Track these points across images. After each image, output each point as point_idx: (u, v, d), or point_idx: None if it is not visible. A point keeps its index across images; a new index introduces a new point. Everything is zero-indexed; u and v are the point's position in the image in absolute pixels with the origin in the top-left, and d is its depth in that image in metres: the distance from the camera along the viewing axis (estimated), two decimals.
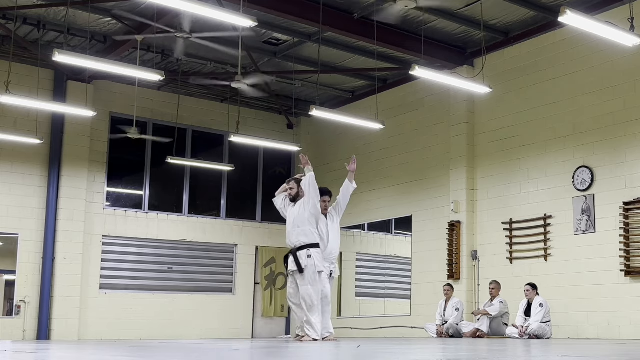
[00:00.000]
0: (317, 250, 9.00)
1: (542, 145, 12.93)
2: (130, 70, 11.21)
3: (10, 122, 14.30)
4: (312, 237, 9.02)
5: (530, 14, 12.70)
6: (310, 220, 9.05)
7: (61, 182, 14.77)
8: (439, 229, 14.36)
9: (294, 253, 9.01)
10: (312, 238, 9.02)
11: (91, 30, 13.32)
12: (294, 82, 15.66)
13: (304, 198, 9.16)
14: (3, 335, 13.76)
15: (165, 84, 15.52)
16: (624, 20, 9.41)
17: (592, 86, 12.29)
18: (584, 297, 12.01)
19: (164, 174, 16.41)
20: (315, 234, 9.05)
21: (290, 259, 9.06)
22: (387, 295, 15.89)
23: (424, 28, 12.70)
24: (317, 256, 8.96)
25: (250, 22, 9.18)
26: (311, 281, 8.88)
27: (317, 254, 8.97)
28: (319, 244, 9.08)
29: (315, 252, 8.97)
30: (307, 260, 8.89)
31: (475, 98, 13.86)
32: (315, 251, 8.97)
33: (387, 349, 6.19)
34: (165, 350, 6.37)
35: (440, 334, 13.02)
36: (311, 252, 8.94)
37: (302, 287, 8.93)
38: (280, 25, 13.23)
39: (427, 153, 14.97)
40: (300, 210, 9.12)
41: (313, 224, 9.07)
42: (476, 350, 5.97)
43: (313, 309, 8.86)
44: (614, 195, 11.80)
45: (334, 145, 17.13)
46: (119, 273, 15.57)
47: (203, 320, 16.24)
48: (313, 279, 8.90)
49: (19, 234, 14.46)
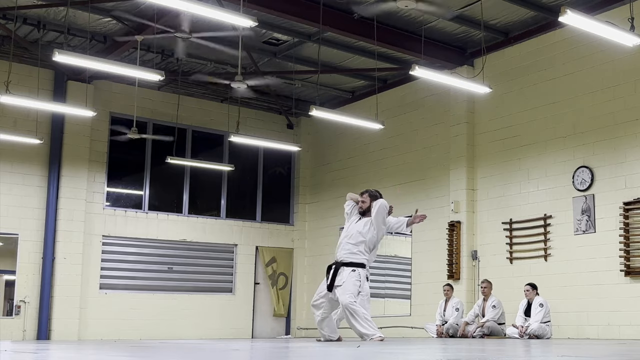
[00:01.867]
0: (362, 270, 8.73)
1: (542, 145, 12.93)
2: (130, 70, 11.22)
3: (10, 122, 14.30)
4: (359, 257, 8.72)
5: (530, 14, 12.70)
6: (367, 243, 8.75)
7: (61, 182, 14.77)
8: (439, 229, 14.35)
9: (338, 266, 8.66)
10: (359, 258, 8.71)
11: (91, 30, 13.32)
12: (294, 82, 15.66)
13: (372, 219, 8.81)
14: (3, 335, 13.76)
15: (165, 84, 15.52)
16: (624, 20, 9.41)
17: (592, 86, 12.29)
18: (584, 297, 12.01)
19: (164, 174, 16.41)
20: (363, 255, 8.77)
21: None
22: (387, 295, 15.88)
23: (424, 28, 12.70)
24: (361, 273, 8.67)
25: (250, 22, 9.19)
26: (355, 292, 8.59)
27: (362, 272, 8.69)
28: (364, 265, 8.83)
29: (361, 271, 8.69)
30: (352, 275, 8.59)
31: (475, 98, 13.85)
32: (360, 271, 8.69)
33: (387, 349, 6.18)
34: (165, 350, 6.37)
35: (440, 334, 13.03)
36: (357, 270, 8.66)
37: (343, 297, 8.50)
38: (280, 25, 13.23)
39: (427, 153, 14.97)
40: (363, 229, 8.77)
41: (366, 248, 8.76)
42: (476, 350, 5.97)
43: (359, 315, 8.52)
44: (614, 195, 11.80)
45: (334, 145, 17.13)
46: (119, 273, 15.56)
47: (203, 320, 16.23)
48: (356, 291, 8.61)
49: (19, 234, 14.47)
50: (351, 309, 8.42)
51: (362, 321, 8.48)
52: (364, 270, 8.66)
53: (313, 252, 17.13)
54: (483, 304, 12.70)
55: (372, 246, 8.82)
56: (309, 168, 17.84)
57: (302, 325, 17.21)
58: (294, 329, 17.38)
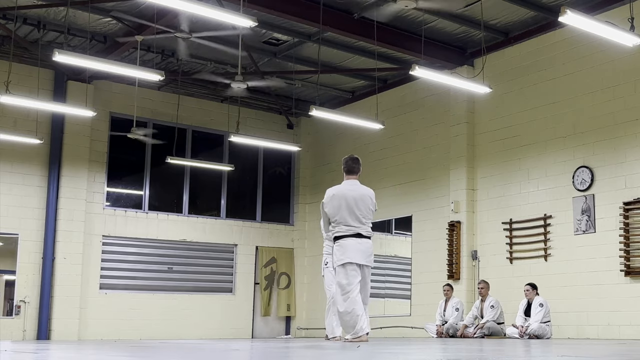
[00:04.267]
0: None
1: (542, 145, 12.93)
2: (130, 70, 11.21)
3: (10, 122, 14.29)
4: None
5: (530, 14, 12.70)
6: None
7: (61, 182, 14.77)
8: (439, 229, 14.36)
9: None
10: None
11: (91, 30, 13.32)
12: (294, 82, 15.66)
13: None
14: (3, 335, 13.76)
15: (165, 84, 15.52)
16: (624, 20, 9.41)
17: (592, 86, 12.29)
18: (584, 297, 12.01)
19: (164, 174, 16.41)
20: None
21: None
22: (387, 295, 15.88)
23: (424, 28, 12.70)
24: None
25: (250, 22, 9.19)
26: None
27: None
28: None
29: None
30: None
31: (475, 98, 13.85)
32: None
33: (387, 349, 6.18)
34: (165, 350, 6.37)
35: (440, 334, 13.03)
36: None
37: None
38: (280, 25, 13.23)
39: (427, 153, 14.97)
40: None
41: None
42: (476, 350, 5.97)
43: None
44: (614, 195, 11.80)
45: (334, 145, 17.12)
46: (119, 273, 15.56)
47: (203, 320, 16.23)
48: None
49: (19, 234, 14.46)
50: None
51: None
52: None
53: (313, 252, 17.12)
54: (481, 305, 12.71)
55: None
56: (309, 168, 17.84)
57: (302, 325, 17.21)
58: (294, 328, 17.38)
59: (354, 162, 8.26)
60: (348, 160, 8.31)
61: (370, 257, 8.10)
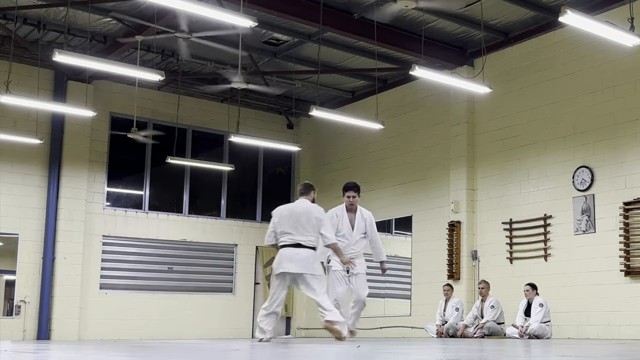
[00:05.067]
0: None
1: (542, 145, 12.93)
2: (130, 70, 11.22)
3: (10, 122, 14.30)
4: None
5: (530, 14, 12.70)
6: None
7: (61, 182, 14.77)
8: (438, 229, 14.36)
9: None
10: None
11: (91, 30, 13.32)
12: (294, 82, 15.66)
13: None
14: (3, 335, 13.76)
15: (165, 84, 15.52)
16: (624, 20, 9.41)
17: (592, 86, 12.29)
18: (584, 297, 12.01)
19: (164, 174, 16.41)
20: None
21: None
22: (387, 295, 15.87)
23: (424, 28, 12.70)
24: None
25: (250, 22, 9.18)
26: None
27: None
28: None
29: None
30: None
31: (475, 98, 13.85)
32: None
33: (387, 349, 6.19)
34: (165, 350, 6.37)
35: (440, 334, 13.03)
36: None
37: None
38: (280, 25, 13.23)
39: (427, 153, 14.97)
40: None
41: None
42: (476, 350, 5.97)
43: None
44: (614, 195, 11.80)
45: (334, 145, 17.13)
46: (119, 273, 15.57)
47: (203, 320, 16.24)
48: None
49: (19, 234, 14.47)
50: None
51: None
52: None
53: None
54: (481, 305, 12.71)
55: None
56: (309, 168, 17.84)
57: (302, 325, 17.21)
58: (294, 328, 17.38)
59: (305, 187, 9.12)
60: (300, 186, 9.24)
61: (310, 266, 8.61)
